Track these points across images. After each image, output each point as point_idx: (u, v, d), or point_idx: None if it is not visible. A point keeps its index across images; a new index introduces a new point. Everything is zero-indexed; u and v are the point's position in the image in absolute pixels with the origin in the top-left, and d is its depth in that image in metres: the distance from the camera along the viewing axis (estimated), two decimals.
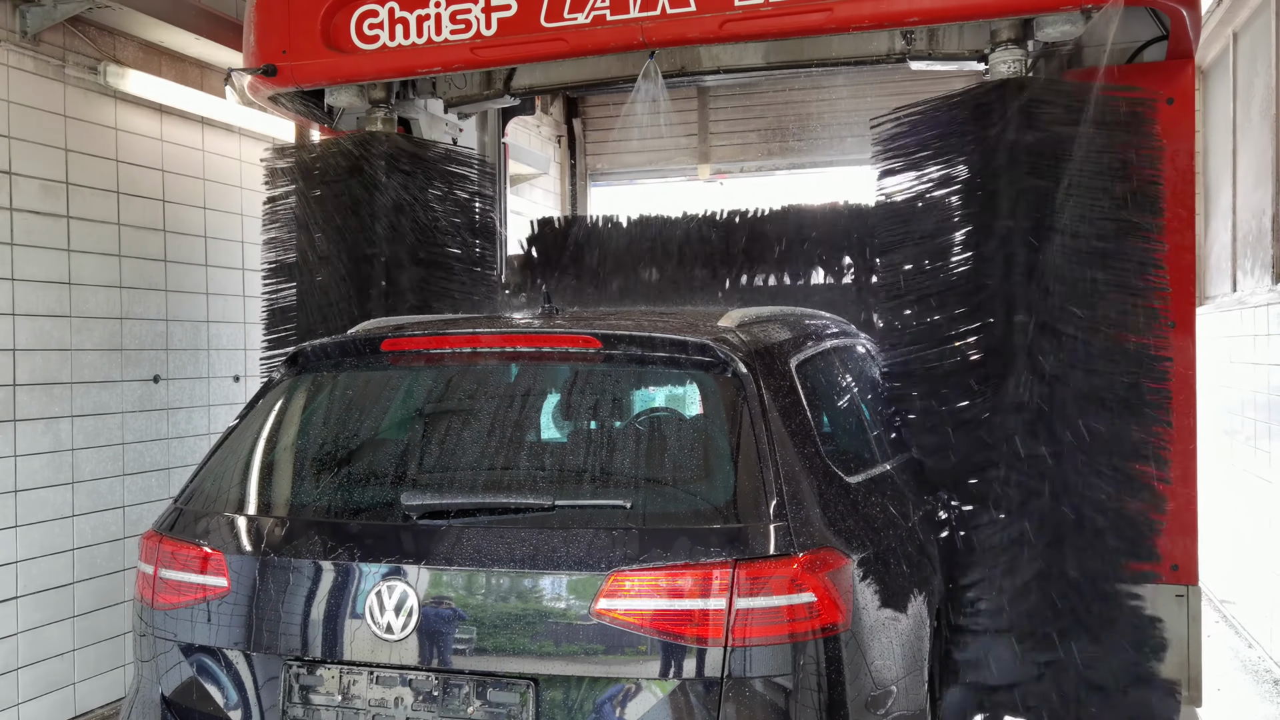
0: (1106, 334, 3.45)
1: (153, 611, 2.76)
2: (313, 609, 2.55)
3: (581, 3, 3.79)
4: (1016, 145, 3.45)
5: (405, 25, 4.03)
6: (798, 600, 2.39)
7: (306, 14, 4.12)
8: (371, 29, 4.07)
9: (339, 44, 4.12)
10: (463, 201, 4.69)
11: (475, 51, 3.96)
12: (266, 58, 4.20)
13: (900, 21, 3.60)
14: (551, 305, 3.25)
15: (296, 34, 4.14)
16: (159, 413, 5.12)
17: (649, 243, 5.16)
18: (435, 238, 4.51)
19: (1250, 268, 6.15)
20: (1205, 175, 7.36)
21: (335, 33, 4.12)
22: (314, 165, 4.42)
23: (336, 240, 4.33)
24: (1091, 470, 3.42)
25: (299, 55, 4.16)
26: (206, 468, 2.94)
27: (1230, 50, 6.54)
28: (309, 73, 4.20)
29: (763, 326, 3.10)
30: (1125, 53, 3.81)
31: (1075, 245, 3.42)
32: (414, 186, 4.43)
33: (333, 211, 4.34)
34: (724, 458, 2.58)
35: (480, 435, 2.72)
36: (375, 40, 4.08)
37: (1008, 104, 3.45)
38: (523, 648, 2.41)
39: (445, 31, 3.98)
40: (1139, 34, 3.78)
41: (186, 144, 5.31)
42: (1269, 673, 5.24)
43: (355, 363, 3.02)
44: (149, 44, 5.02)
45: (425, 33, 4.01)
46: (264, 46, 4.22)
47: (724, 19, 3.64)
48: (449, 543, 2.50)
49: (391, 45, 4.06)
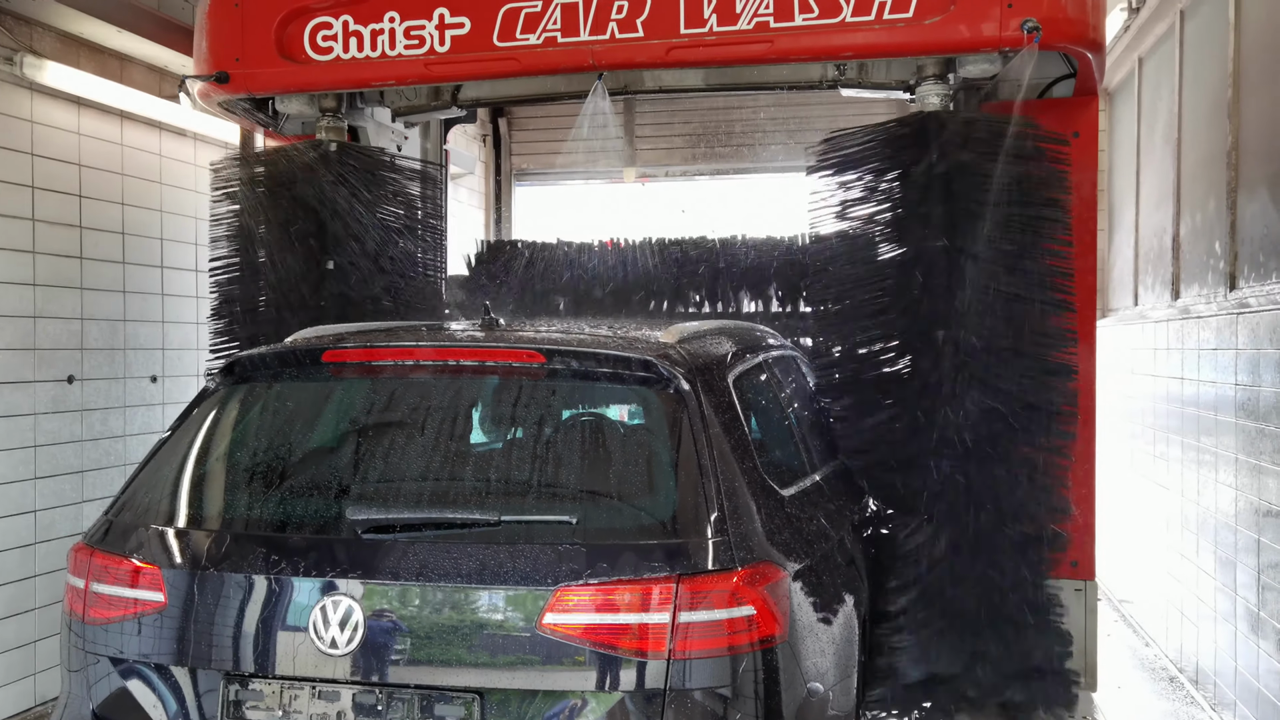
0: (1016, 348, 3.70)
1: (84, 625, 2.71)
2: (254, 624, 2.53)
3: (533, 24, 3.91)
4: (935, 173, 3.69)
5: (359, 38, 4.10)
6: (738, 613, 2.46)
7: (260, 23, 4.17)
8: (325, 40, 4.13)
9: (292, 54, 4.19)
10: (412, 208, 4.76)
11: (429, 67, 4.05)
12: (219, 65, 4.23)
13: (835, 55, 3.84)
14: (491, 317, 3.27)
15: (250, 42, 4.19)
16: (73, 414, 4.97)
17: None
18: (385, 244, 4.56)
19: (1151, 283, 6.46)
20: (1110, 193, 7.68)
21: (288, 42, 4.18)
22: (270, 171, 4.47)
23: (289, 245, 4.36)
24: (1003, 474, 3.68)
25: (251, 63, 4.21)
26: (139, 479, 2.88)
27: (1136, 75, 6.84)
28: (261, 81, 4.25)
29: (703, 341, 3.17)
30: (1037, 88, 4.09)
31: (989, 266, 3.67)
32: (367, 193, 4.49)
33: (287, 216, 4.38)
34: (666, 473, 2.64)
35: (425, 449, 2.73)
36: (329, 52, 4.14)
37: (929, 135, 3.69)
38: (468, 661, 2.44)
39: (399, 46, 4.06)
40: (1050, 72, 4.07)
41: (105, 138, 5.16)
42: (1165, 670, 5.52)
43: (295, 373, 3.00)
44: (68, 35, 4.86)
45: (379, 46, 4.08)
46: (216, 53, 4.25)
47: (670, 46, 3.80)
48: (395, 557, 2.51)
49: (345, 57, 4.13)
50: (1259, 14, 4.60)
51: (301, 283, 4.39)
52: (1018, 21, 3.50)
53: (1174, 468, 5.49)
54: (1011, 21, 3.52)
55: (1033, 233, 3.74)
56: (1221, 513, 4.63)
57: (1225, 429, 4.56)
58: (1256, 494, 4.17)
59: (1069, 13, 3.56)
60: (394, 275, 4.62)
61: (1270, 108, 4.41)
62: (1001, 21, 3.52)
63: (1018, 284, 3.72)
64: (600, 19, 3.85)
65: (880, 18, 3.66)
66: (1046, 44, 3.54)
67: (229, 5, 4.25)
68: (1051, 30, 3.52)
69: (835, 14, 3.69)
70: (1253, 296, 4.31)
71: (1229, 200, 4.85)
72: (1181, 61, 5.78)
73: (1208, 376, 4.83)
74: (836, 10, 3.69)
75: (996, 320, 3.70)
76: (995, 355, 3.69)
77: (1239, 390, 4.38)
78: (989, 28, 3.55)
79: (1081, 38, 3.65)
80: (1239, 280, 4.71)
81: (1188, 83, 5.71)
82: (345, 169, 4.42)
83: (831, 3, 3.70)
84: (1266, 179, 4.41)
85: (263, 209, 4.40)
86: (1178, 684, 5.29)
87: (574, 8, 3.88)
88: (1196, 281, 5.44)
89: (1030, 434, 3.73)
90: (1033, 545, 3.72)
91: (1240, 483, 4.37)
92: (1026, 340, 3.73)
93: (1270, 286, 4.26)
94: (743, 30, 3.75)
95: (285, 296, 4.38)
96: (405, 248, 4.71)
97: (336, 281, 4.41)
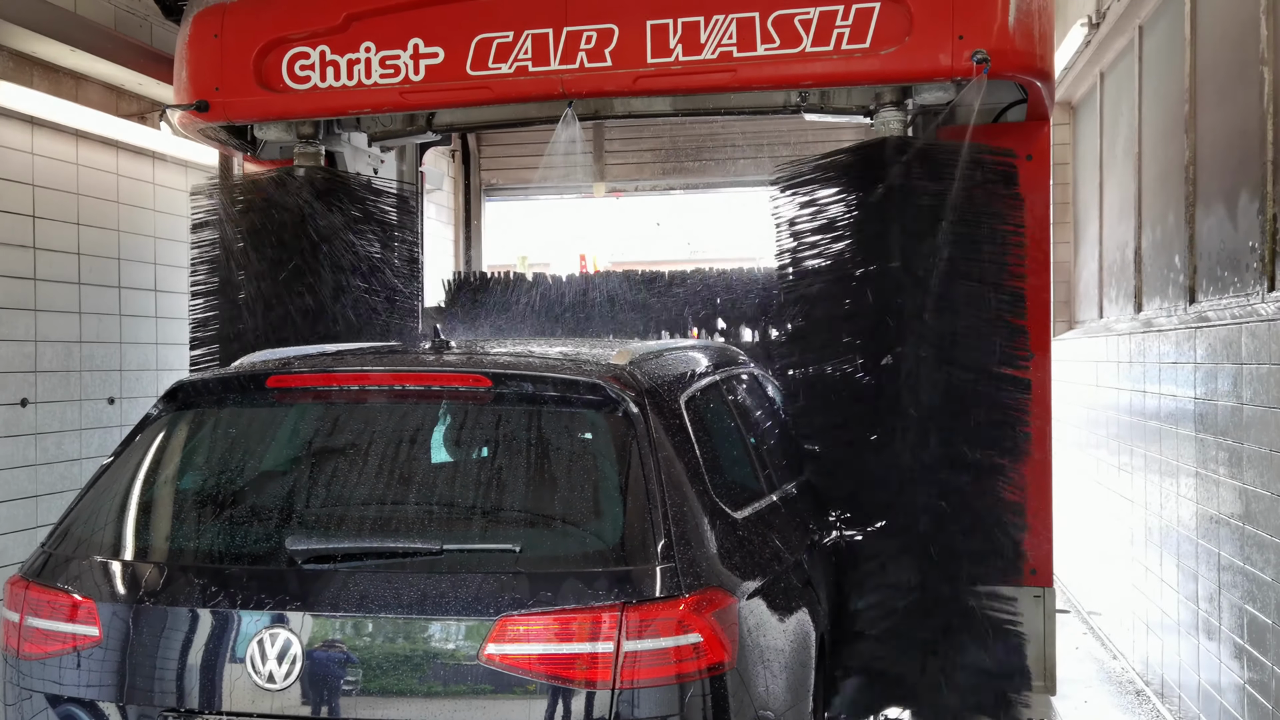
0: (972, 361, 3.80)
1: (19, 660, 2.64)
2: (190, 658, 2.48)
3: (505, 54, 4.04)
4: (895, 195, 3.78)
5: (336, 68, 4.23)
6: (684, 641, 2.43)
7: (239, 53, 4.28)
8: (303, 70, 4.25)
9: (270, 83, 4.31)
10: (389, 231, 4.90)
11: (404, 95, 4.18)
12: (199, 94, 4.35)
13: (796, 84, 4.00)
14: (440, 340, 3.23)
15: (229, 72, 4.31)
16: (26, 438, 4.89)
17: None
18: (364, 266, 4.71)
19: (1115, 296, 6.49)
20: (1075, 206, 7.73)
21: (267, 72, 4.30)
22: (250, 197, 4.58)
23: (269, 268, 4.47)
24: (966, 485, 3.77)
25: (231, 92, 4.33)
26: (77, 509, 2.83)
27: (1098, 89, 6.89)
28: (240, 109, 4.37)
29: (653, 362, 3.14)
30: (991, 113, 4.24)
31: (947, 284, 3.76)
32: (346, 218, 4.63)
33: (268, 240, 4.49)
34: (613, 499, 2.60)
35: (367, 476, 2.68)
36: (306, 81, 4.26)
37: (887, 159, 3.82)
38: (411, 692, 2.39)
39: (375, 75, 4.18)
40: (1003, 97, 4.20)
41: (60, 158, 5.09)
42: (1132, 683, 5.52)
43: (239, 399, 2.95)
44: (21, 54, 4.80)
45: (355, 76, 4.21)
46: (196, 83, 4.37)
47: (638, 75, 3.95)
48: (334, 588, 2.46)
49: (322, 86, 4.25)
50: (1214, 31, 4.63)
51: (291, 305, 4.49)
52: (969, 53, 3.66)
53: (1137, 480, 5.51)
54: (963, 53, 3.68)
55: (988, 252, 3.84)
56: (1182, 525, 4.64)
57: (1185, 441, 4.58)
58: (1214, 506, 4.18)
59: (1017, 44, 3.71)
60: (377, 297, 4.75)
61: (1226, 123, 4.44)
62: (953, 53, 3.69)
63: (974, 301, 3.81)
64: (570, 49, 3.99)
65: (839, 48, 3.80)
66: (996, 74, 3.69)
67: (209, 36, 4.34)
68: (1000, 61, 3.68)
69: (796, 44, 3.83)
70: (1211, 310, 4.32)
71: (1188, 214, 4.88)
72: (1141, 76, 5.83)
73: (1168, 389, 4.85)
74: (797, 41, 3.82)
75: (953, 335, 3.77)
76: (952, 368, 3.77)
77: (1197, 404, 4.39)
78: (942, 58, 3.71)
79: (1029, 68, 3.80)
80: (1198, 294, 4.73)
81: (1147, 97, 5.75)
82: (331, 195, 4.57)
83: (792, 33, 3.82)
84: (1223, 193, 4.43)
85: (249, 234, 4.51)
86: (1144, 697, 5.29)
87: (544, 38, 4.01)
88: (1158, 294, 5.46)
89: (987, 446, 3.80)
90: (991, 554, 3.81)
91: (1199, 495, 4.38)
92: (983, 354, 3.81)
93: (1227, 300, 4.28)
94: (707, 60, 3.89)
95: (273, 321, 4.48)
96: (387, 270, 4.83)
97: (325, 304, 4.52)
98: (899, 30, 3.75)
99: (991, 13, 3.68)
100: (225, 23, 4.32)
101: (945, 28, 3.69)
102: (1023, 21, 3.71)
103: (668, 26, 3.91)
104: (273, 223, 4.48)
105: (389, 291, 4.84)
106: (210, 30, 4.33)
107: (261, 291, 4.47)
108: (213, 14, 4.35)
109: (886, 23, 3.76)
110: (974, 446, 3.78)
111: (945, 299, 3.75)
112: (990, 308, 3.81)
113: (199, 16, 4.39)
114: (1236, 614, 3.95)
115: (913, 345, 3.75)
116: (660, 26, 3.91)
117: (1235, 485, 3.94)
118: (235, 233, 4.53)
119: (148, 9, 5.58)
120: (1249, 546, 3.81)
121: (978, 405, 3.79)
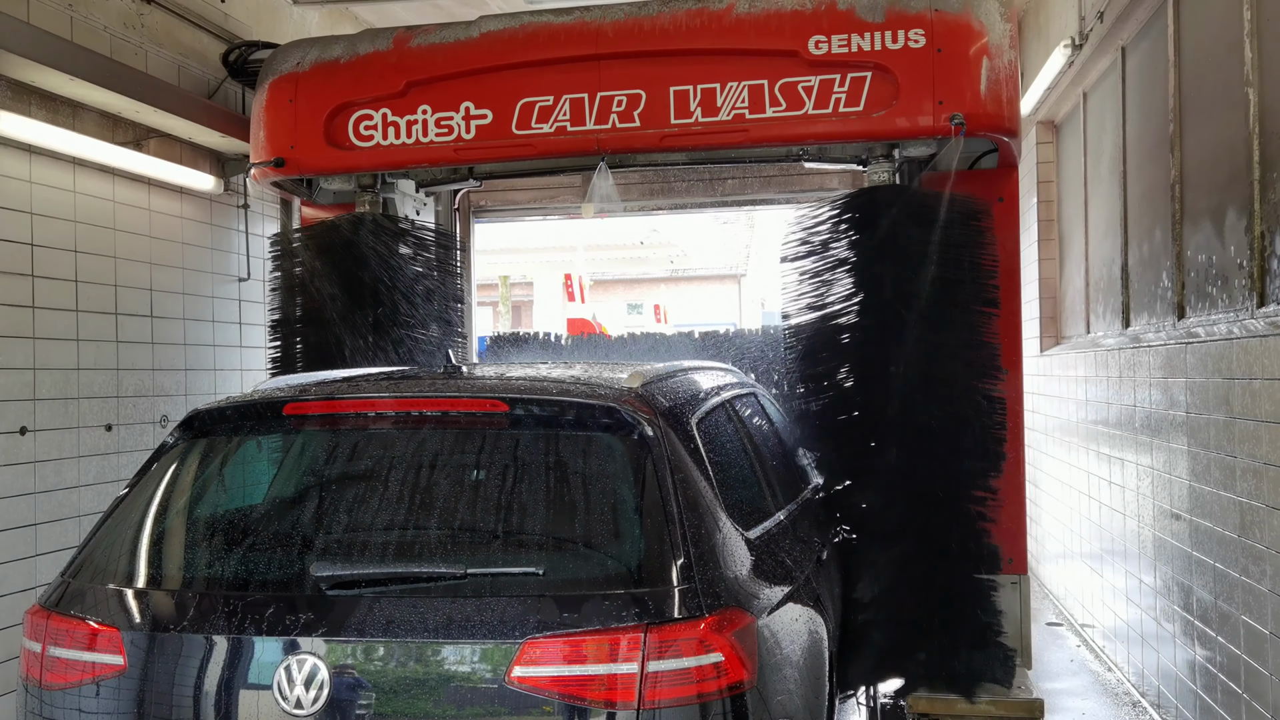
0: (954, 380, 4.30)
1: (41, 690, 2.65)
2: (216, 685, 2.49)
3: (546, 115, 4.58)
4: (884, 236, 4.31)
5: (396, 128, 4.78)
6: (706, 661, 2.47)
7: (311, 116, 4.87)
8: (367, 130, 4.81)
9: (338, 141, 4.87)
10: (442, 270, 5.59)
11: (457, 152, 4.72)
12: (276, 151, 4.93)
13: (799, 141, 4.56)
14: (453, 365, 3.27)
15: (301, 132, 4.89)
16: (25, 466, 4.87)
17: None
18: (421, 300, 5.38)
19: (1102, 311, 6.59)
20: (1060, 223, 7.84)
21: (335, 132, 4.87)
22: (326, 240, 5.19)
23: (341, 302, 5.05)
24: (954, 491, 4.29)
25: (304, 150, 4.91)
26: (96, 538, 2.83)
27: (1081, 109, 7.01)
28: (312, 164, 4.95)
29: (665, 384, 3.19)
30: (967, 160, 4.81)
31: (932, 313, 4.26)
32: (409, 258, 5.33)
33: (340, 277, 5.10)
34: (632, 521, 2.64)
35: (389, 502, 2.71)
36: (370, 139, 4.82)
37: (877, 206, 4.38)
38: (438, 716, 2.42)
39: (431, 134, 4.72)
40: (978, 148, 4.77)
41: (57, 185, 5.10)
42: (1128, 694, 5.58)
43: (256, 426, 2.97)
44: (18, 83, 4.81)
45: (414, 135, 4.75)
46: (273, 142, 4.96)
47: (663, 134, 4.50)
48: (360, 613, 2.48)
49: (385, 144, 4.80)
50: (1198, 52, 4.74)
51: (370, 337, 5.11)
52: (947, 115, 4.25)
53: (1129, 495, 5.58)
54: (942, 115, 4.26)
55: (970, 284, 4.34)
56: (1175, 536, 4.72)
57: (1177, 455, 4.65)
58: (1207, 519, 4.25)
59: (987, 108, 4.30)
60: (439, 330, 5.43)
61: (1212, 142, 4.54)
62: (934, 115, 4.28)
63: (960, 327, 4.30)
64: (603, 112, 4.52)
65: (836, 111, 4.40)
66: (970, 133, 4.29)
67: (284, 101, 4.91)
68: (973, 122, 4.27)
69: (800, 107, 4.42)
70: (1200, 325, 4.41)
71: (1174, 231, 4.97)
72: (1125, 96, 5.94)
73: (1158, 403, 4.93)
74: (800, 104, 4.42)
75: (937, 357, 4.27)
76: (937, 387, 4.26)
77: (1188, 418, 4.47)
78: (924, 120, 4.29)
79: (998, 127, 4.36)
80: (1187, 310, 4.82)
81: (1131, 116, 5.86)
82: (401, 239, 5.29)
83: (796, 98, 4.41)
84: (1210, 211, 4.53)
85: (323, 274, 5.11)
86: (1140, 709, 5.35)
87: (581, 102, 4.53)
88: (1146, 310, 5.55)
89: (967, 454, 4.27)
90: (973, 547, 4.29)
91: (1191, 508, 4.46)
92: (963, 374, 4.31)
93: (1216, 316, 4.36)
94: (723, 120, 4.45)
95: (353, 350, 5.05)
96: (445, 304, 5.55)
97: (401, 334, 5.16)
98: (888, 96, 4.33)
99: (966, 81, 4.26)
100: (299, 89, 4.88)
101: (927, 94, 4.27)
102: (993, 89, 4.28)
103: (689, 92, 4.46)
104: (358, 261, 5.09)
105: (445, 325, 5.49)
106: (286, 96, 4.89)
107: (346, 322, 5.03)
108: (287, 81, 4.90)
109: (877, 90, 4.34)
110: (953, 453, 4.24)
111: (932, 323, 4.23)
112: (969, 329, 4.30)
113: (274, 83, 4.92)
114: (1233, 625, 4.01)
115: (899, 364, 4.25)
116: (682, 92, 4.46)
117: (1229, 498, 4.02)
118: (320, 270, 5.10)
119: (143, 35, 5.61)
120: (1245, 558, 3.88)
121: (958, 415, 4.25)
